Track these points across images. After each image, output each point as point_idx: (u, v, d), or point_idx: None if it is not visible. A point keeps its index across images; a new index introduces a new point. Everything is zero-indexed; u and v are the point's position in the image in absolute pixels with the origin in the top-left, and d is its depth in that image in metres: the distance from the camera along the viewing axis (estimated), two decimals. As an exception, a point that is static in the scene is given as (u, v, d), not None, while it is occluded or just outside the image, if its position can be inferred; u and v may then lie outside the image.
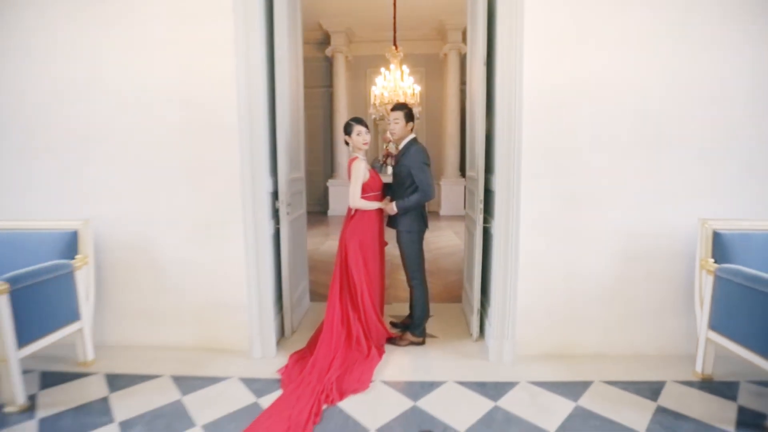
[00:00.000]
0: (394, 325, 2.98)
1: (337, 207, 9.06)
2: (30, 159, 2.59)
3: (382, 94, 6.82)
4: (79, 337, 2.44)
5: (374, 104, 6.94)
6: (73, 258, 2.40)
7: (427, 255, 2.79)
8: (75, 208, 2.56)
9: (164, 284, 2.62)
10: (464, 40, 8.44)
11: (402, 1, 6.54)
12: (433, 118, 9.49)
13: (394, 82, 6.67)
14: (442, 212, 9.05)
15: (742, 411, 1.97)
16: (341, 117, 9.11)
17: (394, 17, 6.59)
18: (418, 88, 6.96)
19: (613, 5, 2.31)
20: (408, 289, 2.82)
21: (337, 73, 9.03)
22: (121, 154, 2.54)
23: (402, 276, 3.59)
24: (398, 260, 2.87)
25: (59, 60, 2.48)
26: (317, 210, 9.32)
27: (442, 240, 6.20)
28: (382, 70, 6.93)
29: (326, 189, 9.22)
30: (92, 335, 2.49)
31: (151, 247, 2.60)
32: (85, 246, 2.46)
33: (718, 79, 2.32)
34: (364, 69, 9.65)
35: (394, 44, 6.75)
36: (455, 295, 3.64)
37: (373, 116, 7.32)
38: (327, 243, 6.05)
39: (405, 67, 6.84)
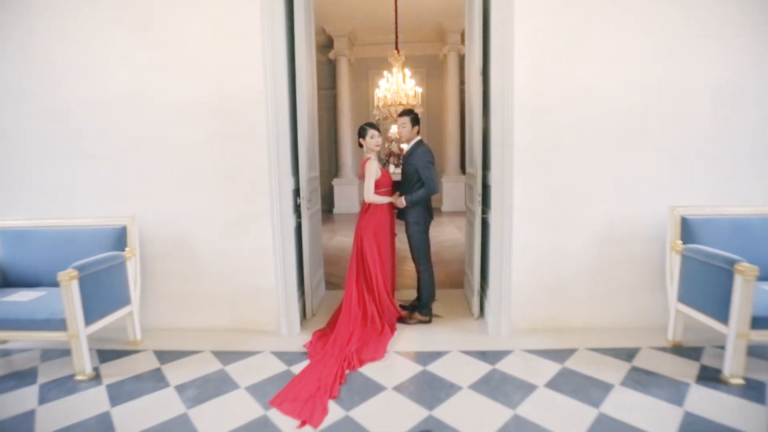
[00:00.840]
0: (403, 307, 3.32)
1: (342, 205, 9.41)
2: (79, 164, 2.93)
3: (385, 96, 7.15)
4: (129, 320, 2.80)
5: (378, 106, 7.27)
6: (122, 250, 2.75)
7: (431, 247, 3.14)
8: (120, 207, 2.91)
9: (201, 272, 2.97)
10: (463, 41, 8.73)
11: (402, 5, 6.85)
12: (434, 118, 9.82)
13: (397, 85, 7.00)
14: (444, 208, 9.39)
15: (704, 368, 2.31)
16: (345, 118, 9.46)
17: (396, 22, 6.92)
18: (419, 90, 7.29)
19: (592, 24, 2.64)
20: (416, 275, 3.17)
21: (340, 76, 9.35)
22: (162, 159, 2.89)
23: (407, 266, 3.94)
24: (405, 252, 3.21)
25: (108, 77, 2.83)
26: (323, 208, 9.58)
27: (445, 234, 6.54)
28: (385, 73, 7.25)
29: (331, 188, 9.55)
30: (140, 318, 2.85)
31: (189, 239, 2.95)
32: (132, 240, 2.81)
33: (683, 85, 2.66)
34: (367, 71, 9.98)
35: (396, 48, 7.07)
36: (457, 282, 3.99)
37: (377, 117, 7.64)
38: (335, 239, 6.39)
39: (407, 70, 7.16)
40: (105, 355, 2.65)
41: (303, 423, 1.91)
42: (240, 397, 2.16)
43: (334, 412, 2.01)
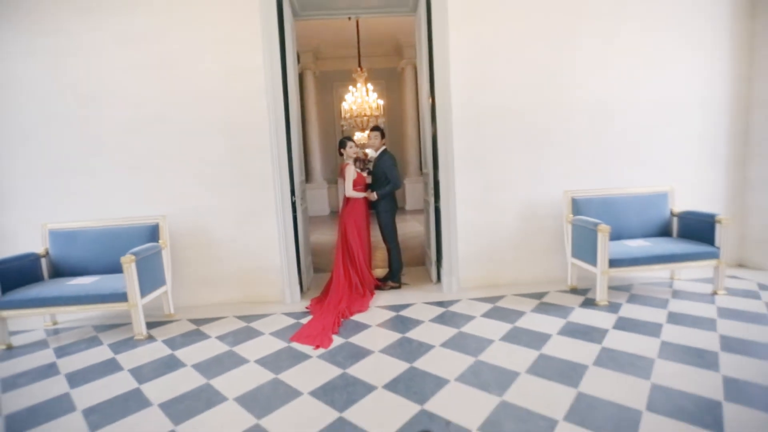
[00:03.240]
0: (378, 280, 4.24)
1: (313, 207, 10.17)
2: (115, 175, 3.64)
3: (351, 108, 8.08)
4: (164, 297, 3.54)
5: (345, 117, 8.18)
6: (157, 242, 3.49)
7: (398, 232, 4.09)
8: (152, 208, 3.65)
9: (219, 257, 3.75)
10: (417, 57, 9.83)
11: (363, 23, 7.78)
12: (395, 125, 10.83)
13: (361, 98, 7.95)
14: (407, 207, 10.41)
15: (587, 300, 3.39)
16: (312, 127, 10.25)
17: (358, 42, 7.84)
18: (381, 102, 8.27)
19: (503, 65, 3.69)
20: (386, 257, 4.11)
21: (306, 88, 10.14)
22: (184, 168, 3.65)
23: (379, 253, 4.86)
24: (377, 242, 4.12)
25: (140, 105, 3.57)
26: (296, 211, 10.37)
27: (408, 228, 7.54)
28: (351, 87, 8.18)
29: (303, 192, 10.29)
30: (172, 296, 3.59)
31: (208, 232, 3.72)
32: (164, 234, 3.56)
33: (568, 105, 3.77)
34: (331, 83, 10.84)
35: (359, 66, 8.02)
36: (420, 261, 4.97)
37: (344, 127, 8.54)
38: (313, 236, 7.20)
39: (369, 85, 8.13)
40: (150, 325, 3.36)
41: (317, 347, 2.79)
42: (266, 339, 2.99)
43: (337, 340, 2.90)
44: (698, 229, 3.46)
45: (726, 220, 3.26)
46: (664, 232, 3.73)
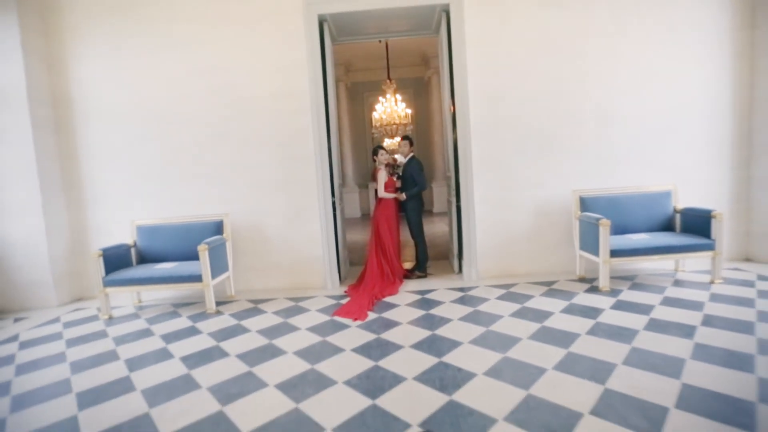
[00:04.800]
0: (407, 270, 4.79)
1: (346, 210, 10.86)
2: (186, 182, 4.39)
3: (381, 117, 8.71)
4: (227, 282, 4.24)
5: (375, 126, 8.83)
6: (222, 235, 4.20)
7: (425, 232, 4.63)
8: (217, 208, 4.37)
9: (270, 250, 4.42)
10: (443, 67, 10.36)
11: (392, 40, 8.39)
12: (422, 131, 11.38)
13: (390, 108, 8.57)
14: (434, 210, 10.91)
15: (592, 287, 3.80)
16: (345, 135, 10.96)
17: (387, 59, 8.48)
18: (409, 111, 8.85)
19: (516, 78, 4.18)
20: (414, 252, 4.67)
21: (339, 99, 10.85)
22: (242, 175, 4.36)
23: (406, 252, 5.41)
24: (406, 240, 4.70)
25: (206, 122, 4.31)
26: (330, 213, 11.09)
27: (436, 229, 8.06)
28: (380, 98, 8.81)
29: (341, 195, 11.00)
30: (233, 281, 4.29)
31: (262, 228, 4.41)
32: (227, 229, 4.26)
33: (576, 112, 4.20)
34: (362, 93, 11.55)
35: (388, 78, 8.65)
36: (444, 256, 5.48)
37: (375, 135, 9.18)
38: (347, 234, 7.82)
39: (398, 95, 8.73)
40: (215, 304, 4.06)
41: (355, 319, 3.38)
42: (313, 314, 3.61)
43: (372, 315, 3.47)
44: (697, 224, 3.81)
45: (720, 215, 3.60)
46: (667, 227, 4.09)
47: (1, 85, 4.08)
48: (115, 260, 3.96)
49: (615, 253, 3.63)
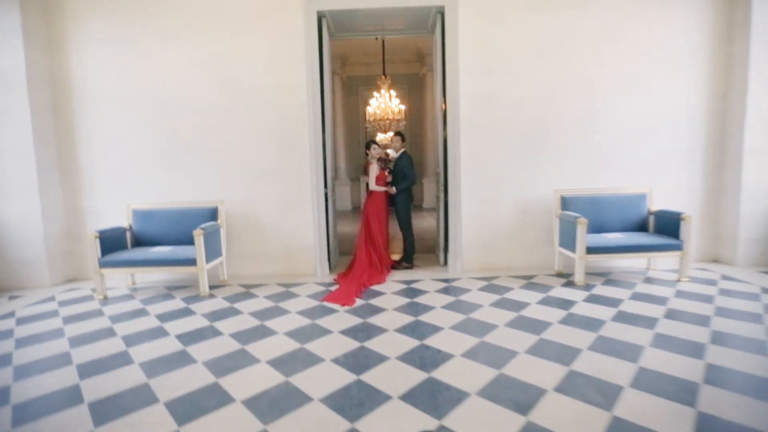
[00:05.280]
0: (395, 261, 4.98)
1: (338, 202, 11.01)
2: (183, 169, 4.50)
3: (375, 112, 8.85)
4: (220, 267, 4.38)
5: (369, 120, 8.97)
6: (216, 222, 4.33)
7: (413, 228, 4.82)
8: (212, 194, 4.49)
9: (263, 237, 4.57)
10: (438, 65, 10.51)
11: (388, 38, 8.53)
12: (415, 127, 11.54)
13: (384, 103, 8.71)
14: (424, 205, 11.11)
15: (568, 282, 4.03)
16: (339, 128, 11.08)
17: (383, 56, 8.61)
18: (402, 107, 9.01)
19: (505, 84, 4.37)
20: (402, 245, 4.85)
21: (334, 92, 10.97)
22: (238, 164, 4.48)
23: (395, 244, 5.60)
24: (395, 233, 4.89)
25: (204, 112, 4.42)
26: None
27: (423, 223, 8.25)
28: (375, 93, 8.94)
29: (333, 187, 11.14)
30: (226, 266, 4.43)
31: (256, 216, 4.54)
32: (222, 215, 4.39)
33: (557, 117, 4.41)
34: (357, 87, 11.66)
35: (383, 74, 8.78)
36: (431, 249, 5.68)
37: (368, 129, 9.32)
38: (337, 226, 7.98)
39: (392, 91, 8.88)
40: (209, 288, 4.21)
41: (343, 304, 3.55)
42: (303, 299, 3.77)
43: (359, 302, 3.65)
44: (668, 226, 4.05)
45: (688, 217, 3.85)
46: (642, 227, 4.33)
47: (1, 68, 4.13)
48: (111, 242, 4.07)
49: (591, 250, 3.85)
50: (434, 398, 2.10)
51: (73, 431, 1.93)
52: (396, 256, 5.04)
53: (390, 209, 4.77)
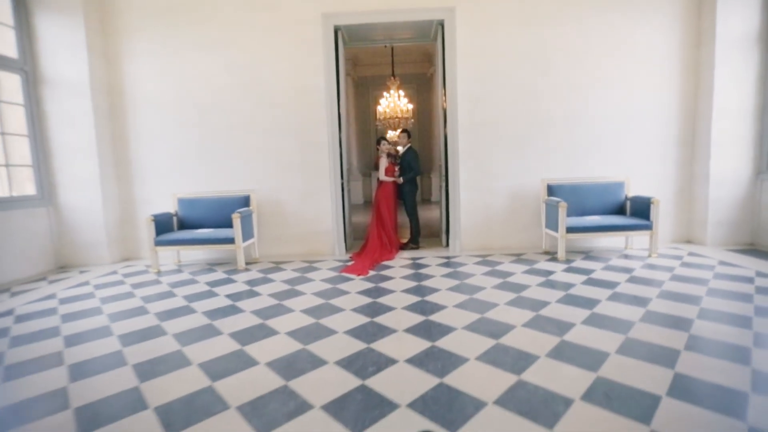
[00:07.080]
0: (402, 243, 5.64)
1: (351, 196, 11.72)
2: (220, 162, 5.23)
3: (385, 111, 9.52)
4: (252, 247, 5.11)
5: (379, 119, 9.64)
6: (249, 207, 5.05)
7: (420, 222, 5.48)
8: (245, 185, 5.22)
9: (288, 222, 5.28)
10: (444, 65, 11.12)
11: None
12: (424, 124, 12.18)
13: (394, 103, 9.36)
14: (432, 198, 11.75)
15: (553, 258, 4.65)
16: (351, 126, 11.77)
17: (392, 61, 9.25)
18: (411, 106, 9.66)
19: (498, 85, 4.99)
20: (408, 229, 5.52)
21: (347, 92, 11.65)
22: (267, 157, 5.20)
23: (403, 232, 6.28)
24: (403, 222, 5.55)
25: (235, 111, 5.14)
26: (335, 199, 11.96)
27: (431, 214, 8.91)
28: (385, 93, 9.61)
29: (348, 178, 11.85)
30: (258, 246, 5.16)
31: (281, 203, 5.26)
32: (253, 202, 5.12)
33: (546, 113, 5.02)
34: (368, 86, 12.33)
35: (393, 75, 9.43)
36: (436, 234, 6.34)
37: (379, 126, 9.99)
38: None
39: (401, 91, 9.52)
40: (245, 263, 4.93)
41: (358, 274, 4.24)
42: (324, 272, 4.47)
43: (371, 273, 4.33)
44: (641, 209, 4.65)
45: (657, 201, 4.44)
46: (619, 211, 4.93)
47: (70, 77, 4.91)
48: (162, 225, 4.82)
49: (571, 230, 4.47)
50: (429, 331, 2.77)
51: (160, 353, 2.65)
52: (404, 240, 5.71)
53: (398, 198, 5.44)
